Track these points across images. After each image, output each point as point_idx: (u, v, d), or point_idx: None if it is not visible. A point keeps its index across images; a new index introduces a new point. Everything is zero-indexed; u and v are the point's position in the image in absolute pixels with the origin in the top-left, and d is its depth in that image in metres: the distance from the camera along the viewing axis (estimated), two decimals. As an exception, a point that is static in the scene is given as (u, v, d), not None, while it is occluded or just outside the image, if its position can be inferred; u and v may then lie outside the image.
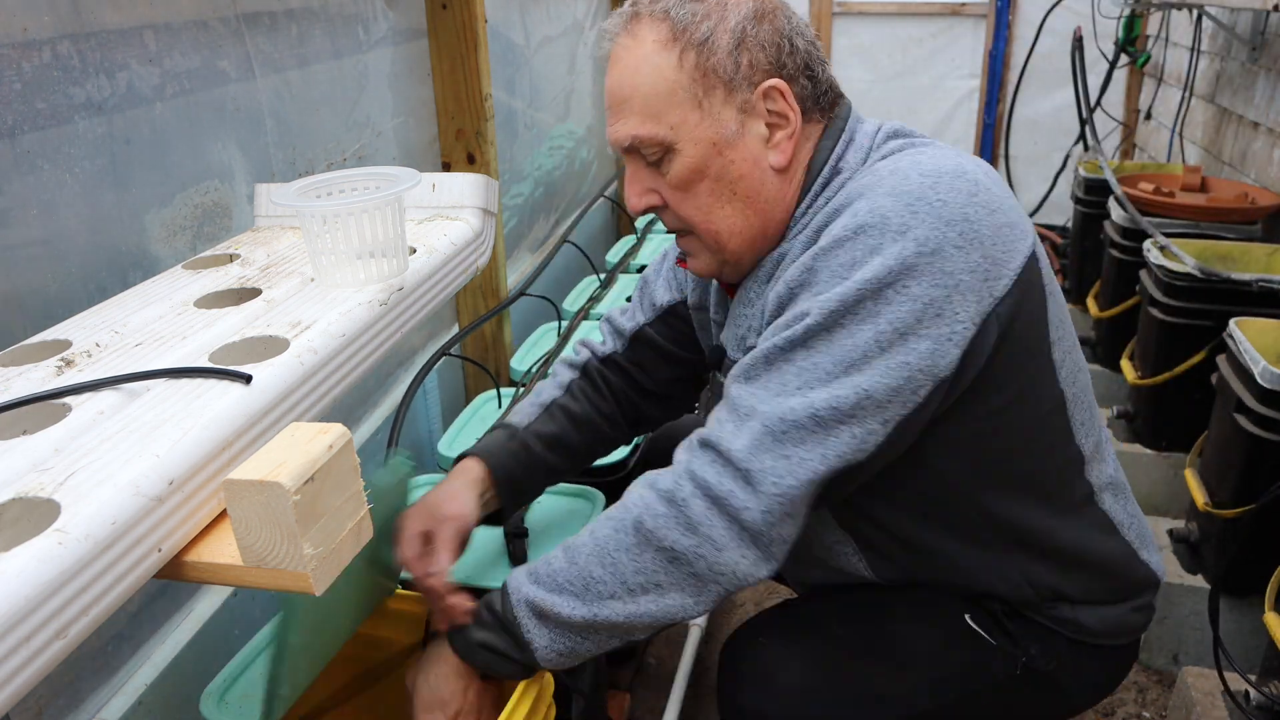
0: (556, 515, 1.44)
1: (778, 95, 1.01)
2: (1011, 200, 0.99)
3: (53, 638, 0.62)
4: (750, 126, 1.02)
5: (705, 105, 1.00)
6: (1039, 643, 1.14)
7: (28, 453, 0.73)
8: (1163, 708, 1.86)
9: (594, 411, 1.33)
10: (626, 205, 1.10)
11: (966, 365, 0.94)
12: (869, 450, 0.94)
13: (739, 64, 1.00)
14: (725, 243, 1.07)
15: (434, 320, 2.01)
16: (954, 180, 0.93)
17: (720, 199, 1.04)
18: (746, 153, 1.02)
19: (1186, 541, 1.93)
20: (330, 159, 1.56)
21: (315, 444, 0.74)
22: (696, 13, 1.00)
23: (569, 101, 2.81)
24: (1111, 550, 1.14)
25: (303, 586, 0.73)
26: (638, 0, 1.04)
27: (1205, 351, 2.09)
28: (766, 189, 1.04)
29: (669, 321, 1.34)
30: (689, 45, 0.99)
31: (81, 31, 1.05)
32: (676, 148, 1.02)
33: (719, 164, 1.02)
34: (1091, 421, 1.11)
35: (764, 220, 1.06)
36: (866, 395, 0.91)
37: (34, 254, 1.02)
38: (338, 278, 1.05)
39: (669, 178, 1.04)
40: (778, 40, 1.01)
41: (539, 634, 0.99)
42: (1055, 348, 1.02)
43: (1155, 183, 2.71)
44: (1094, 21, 3.62)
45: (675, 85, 1.00)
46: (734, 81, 1.00)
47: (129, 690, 1.14)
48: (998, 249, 0.93)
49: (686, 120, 1.01)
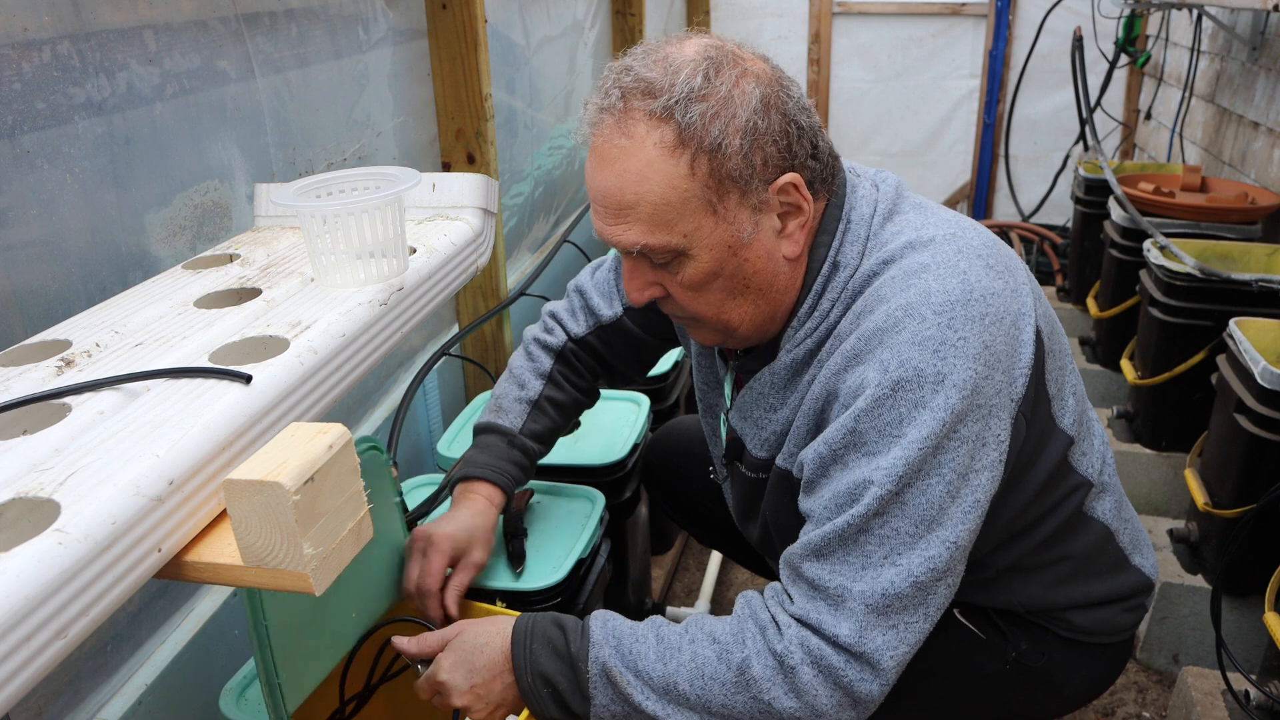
0: (556, 515, 1.44)
1: (792, 189, 0.98)
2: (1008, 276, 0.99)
3: (53, 638, 0.62)
4: (764, 222, 0.99)
5: (720, 210, 0.96)
6: (1029, 639, 1.15)
7: (28, 453, 0.73)
8: (1163, 708, 1.86)
9: (577, 393, 1.39)
10: (627, 297, 1.08)
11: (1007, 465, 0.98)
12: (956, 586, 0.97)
13: (753, 165, 0.95)
14: (735, 328, 1.06)
15: (434, 320, 2.01)
16: (965, 309, 0.93)
17: (734, 295, 1.02)
18: (761, 250, 1.00)
19: (1186, 541, 1.92)
20: (330, 159, 1.56)
21: (315, 444, 0.74)
22: (705, 113, 0.92)
23: (569, 101, 2.81)
24: (1103, 560, 1.15)
25: (303, 586, 0.73)
26: (626, 90, 0.95)
27: (1205, 351, 2.09)
28: (780, 279, 1.03)
29: (647, 313, 1.35)
30: (700, 151, 0.93)
31: (81, 31, 1.05)
32: (690, 253, 0.98)
33: (734, 264, 0.99)
34: (1089, 442, 1.12)
35: (774, 307, 1.05)
36: (955, 545, 0.94)
37: (34, 254, 1.02)
38: (338, 278, 1.05)
39: (680, 279, 1.01)
40: (786, 128, 0.97)
41: (603, 694, 1.00)
42: (1054, 402, 1.05)
43: (1155, 183, 2.71)
44: (1094, 21, 3.62)
45: (688, 194, 0.94)
46: (749, 183, 0.95)
47: (129, 690, 1.14)
48: (1011, 358, 0.96)
49: (701, 227, 0.96)
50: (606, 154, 0.96)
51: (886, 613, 0.93)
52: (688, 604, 2.04)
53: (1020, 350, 0.97)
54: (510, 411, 1.33)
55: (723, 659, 0.97)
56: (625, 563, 1.71)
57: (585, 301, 1.40)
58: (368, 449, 1.05)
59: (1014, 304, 0.98)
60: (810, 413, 1.03)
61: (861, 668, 0.94)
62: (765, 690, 0.95)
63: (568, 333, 1.39)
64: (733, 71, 0.94)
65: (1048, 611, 1.15)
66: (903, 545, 0.93)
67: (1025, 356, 0.97)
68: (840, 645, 0.94)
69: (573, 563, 1.32)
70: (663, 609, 1.95)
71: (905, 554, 0.93)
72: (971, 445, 0.93)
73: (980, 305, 0.95)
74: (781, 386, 1.09)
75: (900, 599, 0.93)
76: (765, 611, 0.99)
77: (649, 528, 1.94)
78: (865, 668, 0.94)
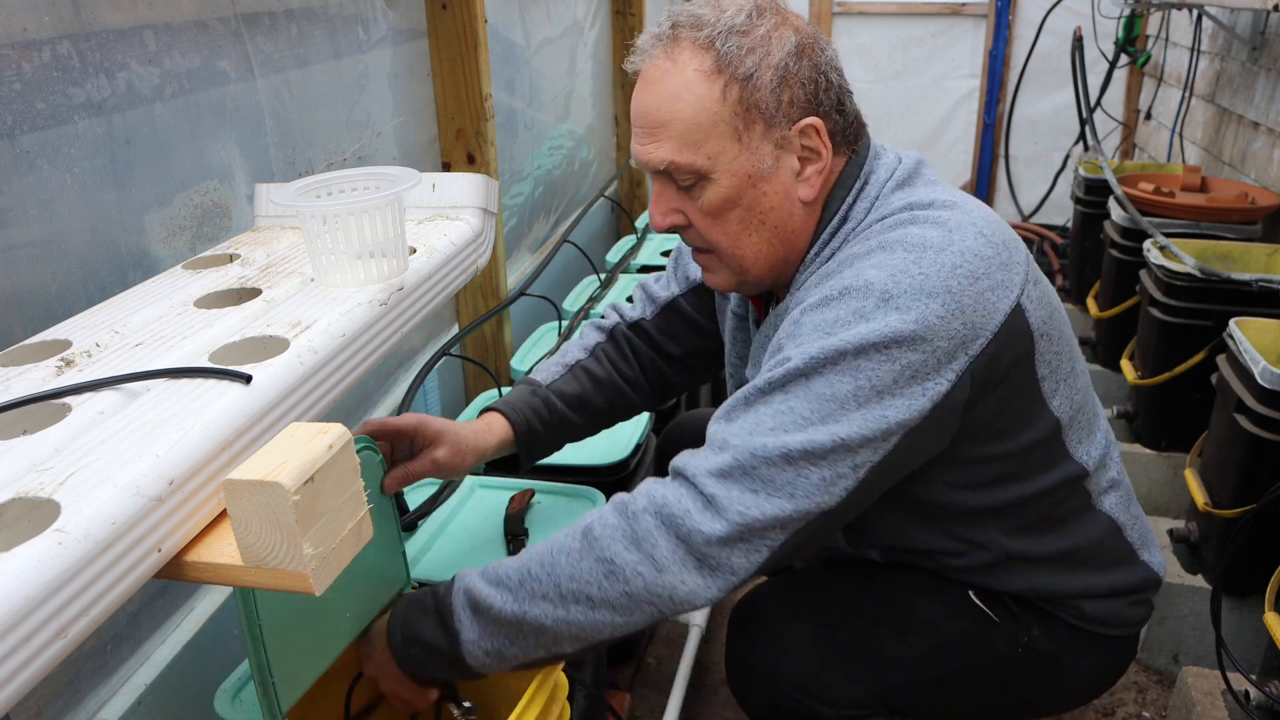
0: (556, 515, 1.44)
1: (813, 132, 1.04)
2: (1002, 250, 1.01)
3: (53, 638, 0.62)
4: (784, 161, 1.05)
5: (744, 139, 1.02)
6: (1041, 624, 1.17)
7: (28, 453, 0.72)
8: (1163, 708, 1.86)
9: (616, 375, 1.36)
10: (651, 222, 1.12)
11: (940, 416, 0.97)
12: (838, 495, 0.94)
13: (780, 101, 1.02)
14: (749, 267, 1.10)
15: (434, 320, 2.01)
16: (938, 255, 0.97)
17: (749, 227, 1.07)
18: (779, 185, 1.05)
19: (1186, 541, 1.93)
20: (330, 159, 1.56)
21: (315, 444, 0.74)
22: (742, 46, 1.00)
23: (569, 101, 2.81)
24: (1112, 552, 1.16)
25: (303, 586, 0.73)
26: (677, 23, 1.04)
27: (1205, 351, 2.09)
28: (794, 220, 1.08)
29: (701, 295, 1.38)
30: (733, 79, 1.00)
31: (81, 31, 1.05)
32: (712, 177, 1.04)
33: (752, 195, 1.05)
34: (1093, 435, 1.14)
35: (787, 248, 1.09)
36: (841, 442, 0.93)
37: (34, 254, 1.02)
38: (338, 278, 1.05)
39: (701, 204, 1.06)
40: (815, 77, 1.03)
41: (470, 627, 0.98)
42: (1045, 382, 1.05)
43: (1155, 183, 2.71)
44: (1094, 21, 3.62)
45: (717, 117, 1.01)
46: (774, 118, 1.02)
47: (129, 690, 1.14)
48: (978, 314, 0.97)
49: (725, 151, 1.02)
50: (651, 76, 1.04)
51: (752, 474, 0.93)
52: (688, 604, 2.04)
53: (990, 314, 0.97)
54: (543, 370, 1.36)
55: (570, 533, 0.98)
56: (625, 563, 1.71)
57: (644, 290, 1.44)
58: (362, 449, 1.05)
59: (997, 273, 0.99)
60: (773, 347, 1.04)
61: (703, 510, 0.93)
62: (607, 546, 0.95)
63: (622, 316, 1.41)
64: (774, 18, 1.03)
65: (1059, 598, 1.16)
66: (792, 424, 0.94)
67: (994, 322, 0.97)
68: (695, 483, 0.94)
69: (573, 563, 1.32)
70: (663, 609, 1.95)
71: (791, 432, 0.93)
72: (901, 369, 0.94)
73: (955, 257, 0.97)
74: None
75: (767, 464, 0.93)
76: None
77: (649, 528, 1.93)
78: (707, 510, 0.93)
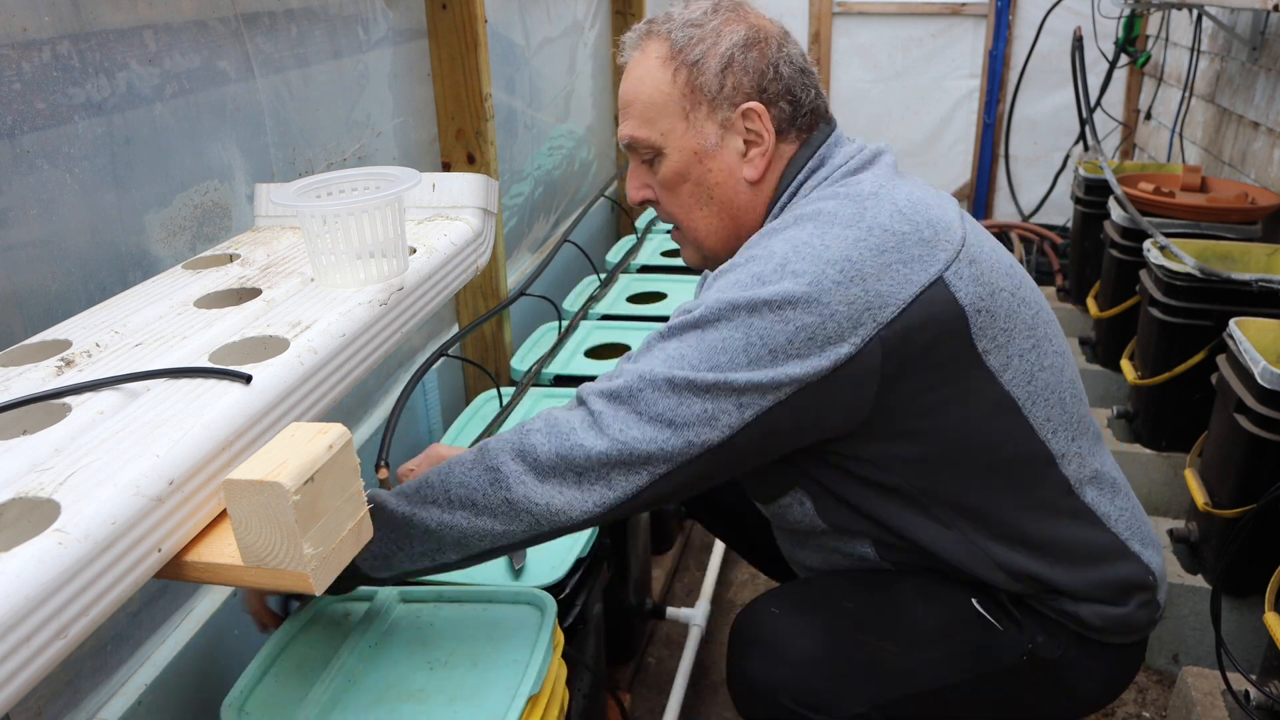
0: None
1: (755, 116, 1.13)
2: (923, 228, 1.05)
3: (53, 638, 0.62)
4: (729, 141, 1.14)
5: (691, 118, 1.14)
6: (1045, 632, 1.16)
7: (28, 453, 0.73)
8: (1163, 708, 1.86)
9: None
10: (627, 195, 1.22)
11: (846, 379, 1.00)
12: (721, 431, 0.99)
13: (724, 85, 1.12)
14: (703, 240, 1.21)
15: (434, 320, 2.01)
16: (844, 229, 1.03)
17: (699, 201, 1.18)
18: (724, 164, 1.15)
19: (1186, 541, 1.92)
20: (330, 159, 1.56)
21: (315, 444, 0.74)
22: (694, 36, 1.13)
23: (569, 101, 2.81)
24: (1094, 542, 1.16)
25: (303, 586, 0.73)
26: (652, 20, 1.17)
27: (1205, 351, 2.09)
28: (740, 198, 1.17)
29: None
30: (683, 64, 1.13)
31: (81, 31, 1.05)
32: (665, 152, 1.16)
33: (699, 170, 1.15)
34: (1064, 420, 1.14)
35: (736, 225, 1.19)
36: (725, 381, 0.98)
37: (34, 254, 1.02)
38: (338, 278, 1.05)
39: (658, 177, 1.18)
40: (762, 67, 1.13)
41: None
42: (989, 356, 1.07)
43: (1155, 183, 2.71)
44: (1094, 21, 3.62)
45: (668, 97, 1.14)
46: (717, 100, 1.13)
47: (129, 690, 1.14)
48: (883, 284, 1.00)
49: (675, 129, 1.14)
50: (628, 64, 1.19)
51: (637, 396, 1.00)
52: (688, 604, 2.04)
53: (900, 285, 1.01)
54: None
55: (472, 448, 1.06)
56: (625, 563, 1.71)
57: None
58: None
59: (912, 249, 1.03)
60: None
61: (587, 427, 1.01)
62: (495, 456, 1.03)
63: None
64: (730, 15, 1.14)
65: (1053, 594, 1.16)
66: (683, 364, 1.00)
67: (905, 294, 1.01)
68: (586, 403, 1.03)
69: (572, 562, 1.32)
70: (663, 609, 1.95)
71: (678, 369, 0.99)
72: (794, 330, 0.98)
73: (861, 231, 1.02)
74: None
75: (652, 387, 0.99)
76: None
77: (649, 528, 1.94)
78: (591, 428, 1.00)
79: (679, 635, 1.98)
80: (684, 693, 1.72)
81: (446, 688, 1.08)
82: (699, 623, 1.89)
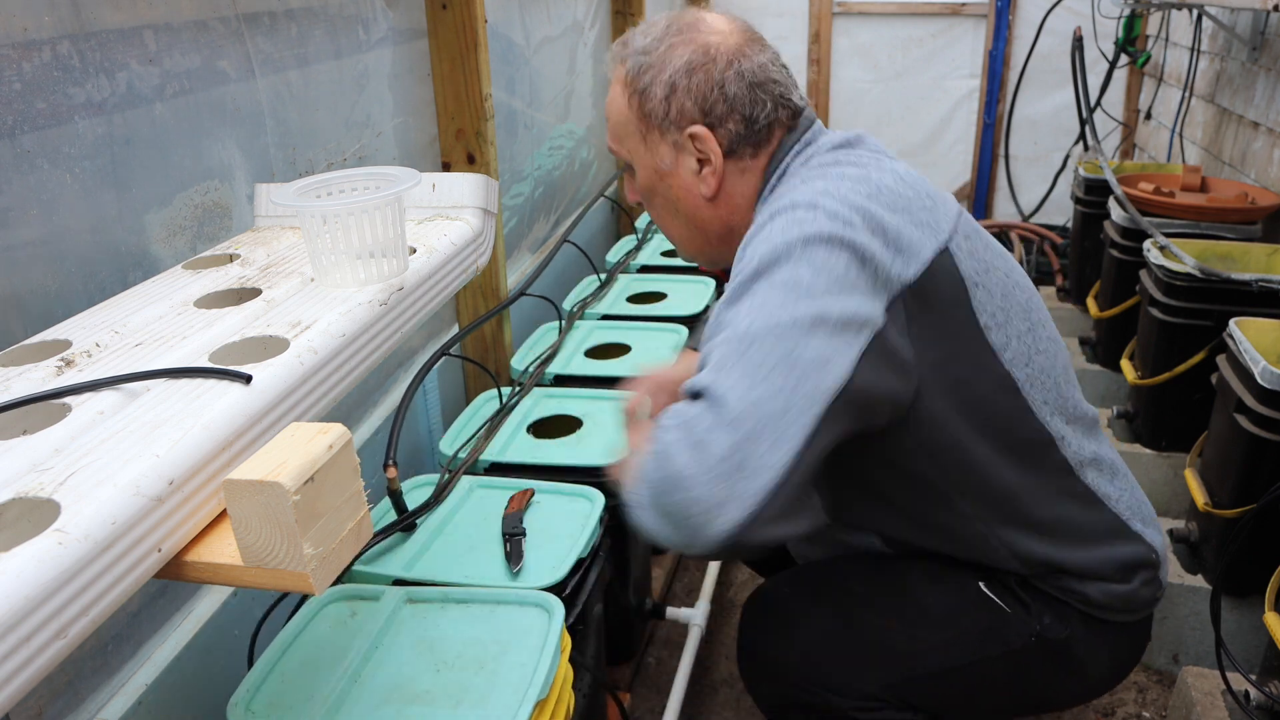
0: (556, 515, 1.44)
1: (701, 139, 1.17)
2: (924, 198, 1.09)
3: (53, 638, 0.62)
4: (684, 161, 1.20)
5: (648, 140, 1.21)
6: (1051, 613, 1.18)
7: (28, 453, 0.73)
8: (1163, 708, 1.86)
9: None
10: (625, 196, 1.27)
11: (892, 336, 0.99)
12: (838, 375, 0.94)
13: (669, 110, 1.17)
14: (681, 245, 1.30)
15: (434, 320, 2.01)
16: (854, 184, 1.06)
17: (668, 213, 1.26)
18: (682, 181, 1.21)
19: (1186, 541, 1.92)
20: (330, 159, 1.56)
21: (315, 444, 0.74)
22: (642, 64, 1.19)
23: (569, 101, 2.81)
24: (1098, 522, 1.18)
25: (303, 586, 0.73)
26: (625, 40, 1.23)
27: (1205, 351, 2.09)
28: (702, 212, 1.23)
29: None
30: (635, 91, 1.19)
31: (81, 31, 1.05)
32: (634, 167, 1.24)
33: (662, 186, 1.23)
34: (1060, 404, 1.15)
35: (704, 235, 1.25)
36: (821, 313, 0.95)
37: (34, 254, 1.02)
38: (338, 278, 1.05)
39: (636, 186, 1.27)
40: (705, 90, 1.16)
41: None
42: (991, 332, 1.08)
43: (1155, 183, 2.71)
44: (1094, 21, 3.62)
45: (628, 120, 1.21)
46: (665, 124, 1.18)
47: (129, 690, 1.14)
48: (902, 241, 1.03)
49: (637, 149, 1.22)
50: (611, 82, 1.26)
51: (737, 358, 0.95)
52: (688, 604, 2.04)
53: (914, 245, 1.03)
54: None
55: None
56: (625, 563, 1.71)
57: None
58: None
59: (920, 213, 1.06)
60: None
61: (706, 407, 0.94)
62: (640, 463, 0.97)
63: None
64: (678, 39, 1.17)
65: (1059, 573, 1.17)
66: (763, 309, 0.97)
67: (922, 257, 1.03)
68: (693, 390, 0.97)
69: (572, 562, 1.32)
70: (663, 609, 1.95)
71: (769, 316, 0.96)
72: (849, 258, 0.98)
73: (869, 187, 1.05)
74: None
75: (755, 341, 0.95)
76: None
77: (649, 528, 1.93)
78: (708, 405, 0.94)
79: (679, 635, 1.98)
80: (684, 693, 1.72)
81: (453, 690, 1.08)
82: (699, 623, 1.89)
